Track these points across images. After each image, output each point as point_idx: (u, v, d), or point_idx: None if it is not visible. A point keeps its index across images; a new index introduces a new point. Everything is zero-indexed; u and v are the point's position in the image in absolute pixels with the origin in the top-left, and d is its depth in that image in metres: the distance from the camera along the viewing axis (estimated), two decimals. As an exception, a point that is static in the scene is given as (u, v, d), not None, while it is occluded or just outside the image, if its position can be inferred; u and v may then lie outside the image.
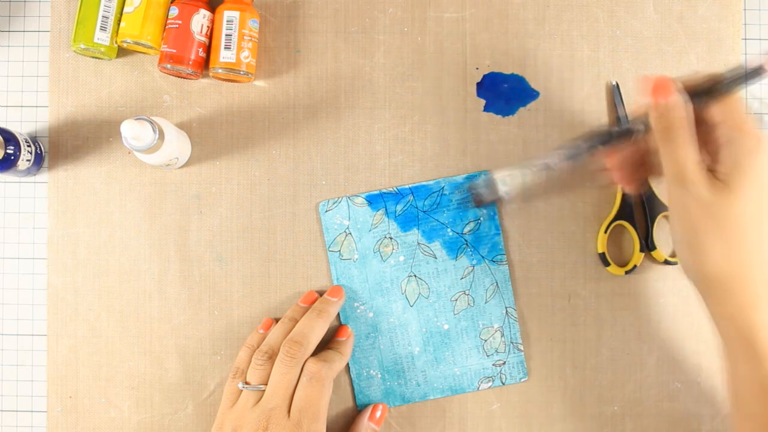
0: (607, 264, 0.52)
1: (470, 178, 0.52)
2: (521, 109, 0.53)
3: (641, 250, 0.52)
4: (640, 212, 0.53)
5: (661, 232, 0.53)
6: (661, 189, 0.52)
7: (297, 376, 0.45)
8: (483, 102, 0.53)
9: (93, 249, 0.52)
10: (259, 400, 0.45)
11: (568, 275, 0.53)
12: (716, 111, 0.40)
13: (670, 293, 0.53)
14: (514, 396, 0.52)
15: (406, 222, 0.52)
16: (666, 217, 0.53)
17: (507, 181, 0.47)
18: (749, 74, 0.39)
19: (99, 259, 0.52)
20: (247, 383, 0.46)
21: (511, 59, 0.53)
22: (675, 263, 0.52)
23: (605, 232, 0.52)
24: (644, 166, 0.45)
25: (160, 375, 0.52)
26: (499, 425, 0.52)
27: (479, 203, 0.50)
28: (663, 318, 0.53)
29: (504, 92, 0.53)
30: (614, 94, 0.53)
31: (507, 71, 0.53)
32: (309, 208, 0.53)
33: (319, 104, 0.53)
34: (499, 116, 0.53)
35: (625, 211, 0.52)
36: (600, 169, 0.46)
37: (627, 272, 0.52)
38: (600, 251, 0.52)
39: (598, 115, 0.53)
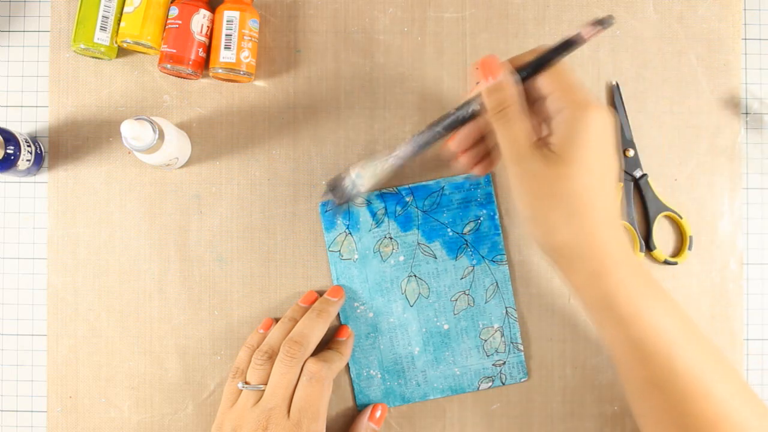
0: (607, 264, 0.52)
1: (470, 178, 0.52)
2: (521, 109, 0.53)
3: (641, 250, 0.52)
4: (640, 212, 0.53)
5: (661, 232, 0.53)
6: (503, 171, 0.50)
7: (297, 376, 0.45)
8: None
9: (93, 249, 0.52)
10: (259, 400, 0.45)
11: (568, 275, 0.53)
12: (544, 83, 0.40)
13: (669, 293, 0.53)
14: (514, 396, 0.52)
15: (406, 222, 0.52)
16: (666, 216, 0.53)
17: (361, 175, 0.47)
18: (569, 43, 0.39)
19: (99, 259, 0.52)
20: (246, 383, 0.46)
21: (511, 59, 0.53)
22: (675, 263, 0.52)
23: (605, 232, 0.52)
24: (488, 148, 0.45)
25: (160, 375, 0.52)
26: (499, 425, 0.52)
27: (340, 201, 0.49)
28: (663, 318, 0.52)
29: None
30: (614, 94, 0.53)
31: (507, 71, 0.53)
32: (309, 208, 0.53)
33: (319, 104, 0.53)
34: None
35: (625, 211, 0.52)
36: (449, 154, 0.46)
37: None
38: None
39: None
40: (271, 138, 0.53)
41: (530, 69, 0.41)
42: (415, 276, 0.52)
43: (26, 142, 0.49)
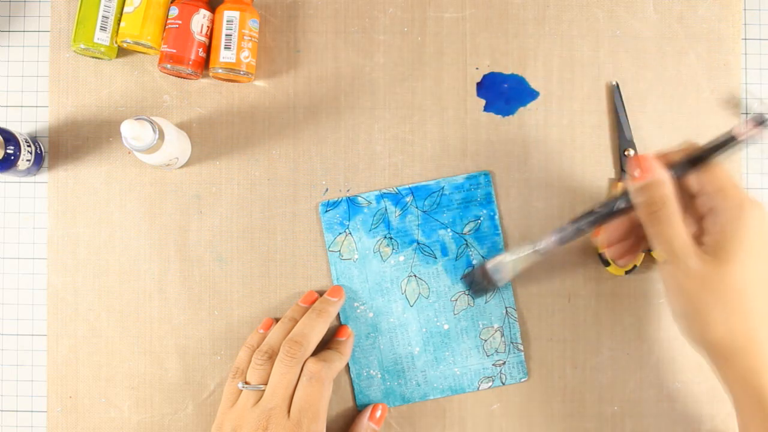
0: (607, 264, 0.52)
1: (470, 178, 0.52)
2: (521, 109, 0.53)
3: (641, 250, 0.52)
4: (640, 212, 0.53)
5: (661, 232, 0.53)
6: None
7: (297, 376, 0.46)
8: (483, 102, 0.53)
9: (93, 249, 0.52)
10: (259, 400, 0.45)
11: (568, 275, 0.53)
12: (696, 180, 0.41)
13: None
14: (514, 396, 0.52)
15: (406, 222, 0.52)
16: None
17: (499, 269, 0.48)
18: (726, 142, 0.39)
19: (99, 259, 0.52)
20: (246, 383, 0.46)
21: (511, 59, 0.53)
22: (675, 263, 0.52)
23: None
24: (635, 238, 0.46)
25: (160, 375, 0.52)
26: (499, 425, 0.52)
27: (477, 292, 0.51)
28: (663, 318, 0.53)
29: (504, 92, 0.53)
30: (614, 94, 0.53)
31: (507, 71, 0.53)
32: (309, 208, 0.53)
33: (319, 104, 0.53)
34: (499, 116, 0.53)
35: (626, 212, 0.52)
36: (594, 246, 0.47)
37: (627, 272, 0.52)
38: (600, 251, 0.52)
39: (599, 115, 0.53)
40: (271, 138, 0.53)
41: (684, 167, 0.40)
42: (415, 276, 0.52)
43: (26, 142, 0.49)
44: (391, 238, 0.52)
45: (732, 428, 0.52)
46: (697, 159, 0.40)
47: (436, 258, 0.52)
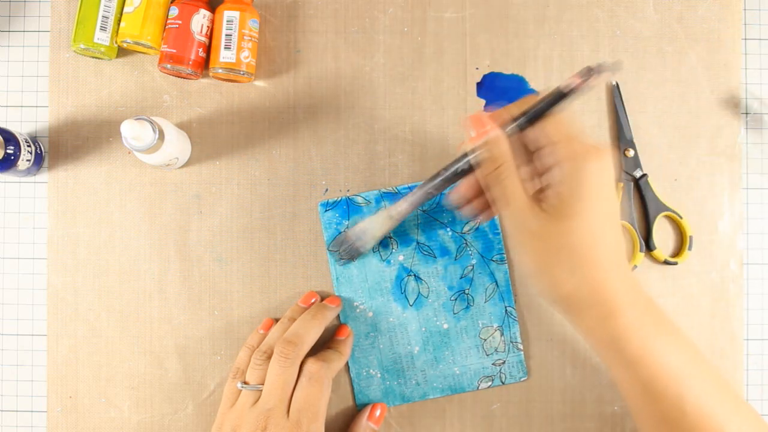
0: (607, 264, 0.52)
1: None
2: (521, 109, 0.53)
3: (641, 250, 0.52)
4: (640, 212, 0.53)
5: (661, 232, 0.53)
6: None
7: (293, 376, 0.45)
8: (483, 102, 0.53)
9: (93, 249, 0.52)
10: (258, 399, 0.45)
11: (568, 275, 0.53)
12: (539, 134, 0.40)
13: (670, 293, 0.53)
14: (514, 396, 0.52)
15: (405, 222, 0.52)
16: (666, 216, 0.53)
17: (360, 236, 0.49)
18: (561, 94, 0.39)
19: (99, 259, 0.52)
20: (245, 383, 0.46)
21: (511, 59, 0.53)
22: (675, 263, 0.52)
23: (605, 232, 0.52)
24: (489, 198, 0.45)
25: (160, 375, 0.52)
26: (499, 425, 0.52)
27: (345, 258, 0.51)
28: (663, 318, 0.52)
29: (504, 92, 0.53)
30: (614, 94, 0.53)
31: (507, 71, 0.53)
32: (309, 208, 0.53)
33: (319, 104, 0.53)
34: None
35: (626, 211, 0.52)
36: (451, 205, 0.46)
37: (627, 272, 0.52)
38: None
39: (599, 115, 0.53)
40: (271, 138, 0.53)
41: (522, 121, 0.40)
42: (414, 275, 0.52)
43: (26, 142, 0.49)
44: (390, 238, 0.52)
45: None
46: (536, 112, 0.39)
47: (435, 257, 0.52)
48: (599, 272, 0.39)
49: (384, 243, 0.52)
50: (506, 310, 0.52)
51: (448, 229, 0.52)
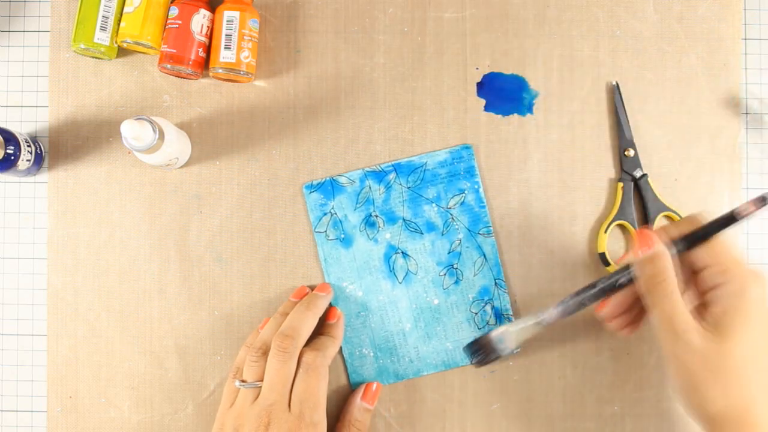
0: (607, 264, 0.52)
1: (452, 152, 0.52)
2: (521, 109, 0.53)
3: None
4: (640, 212, 0.53)
5: (661, 232, 0.53)
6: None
7: (293, 369, 0.46)
8: (483, 102, 0.53)
9: (93, 249, 0.52)
10: (258, 396, 0.45)
11: (568, 275, 0.53)
12: (699, 256, 0.41)
13: None
14: (514, 396, 0.52)
15: (390, 199, 0.52)
16: (667, 216, 0.53)
17: (503, 339, 0.47)
18: (730, 219, 0.40)
19: (99, 259, 0.52)
20: (243, 381, 0.46)
21: (511, 59, 0.53)
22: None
23: (605, 232, 0.52)
24: (639, 310, 0.46)
25: (160, 375, 0.52)
26: (499, 425, 0.52)
27: (481, 362, 0.49)
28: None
29: (504, 92, 0.53)
30: (614, 94, 0.53)
31: (507, 71, 0.53)
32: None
33: (319, 104, 0.53)
34: (499, 116, 0.53)
35: (625, 211, 0.52)
36: (598, 317, 0.47)
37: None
38: (600, 251, 0.52)
39: (599, 115, 0.53)
40: (271, 138, 0.53)
41: (687, 242, 0.41)
42: (402, 252, 0.52)
43: (26, 142, 0.49)
44: (376, 216, 0.52)
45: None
46: (699, 235, 0.41)
47: (422, 233, 0.52)
48: (750, 396, 0.39)
49: (370, 222, 0.52)
50: (495, 283, 0.52)
51: (434, 205, 0.52)
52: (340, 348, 0.52)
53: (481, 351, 0.48)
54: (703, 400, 0.40)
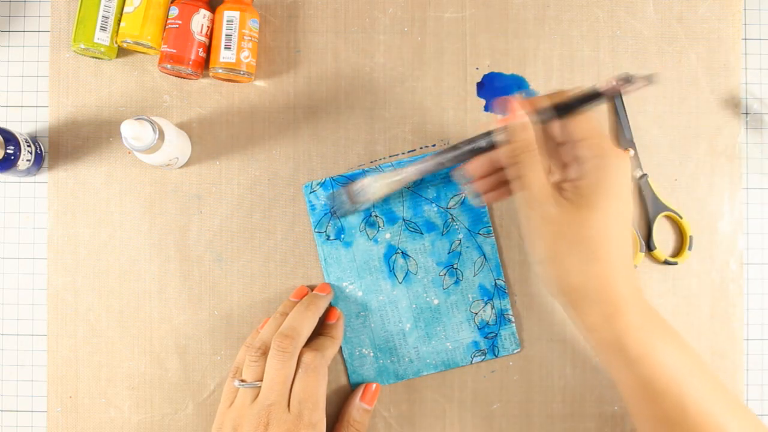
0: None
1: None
2: (521, 109, 0.53)
3: (641, 250, 0.52)
4: (640, 212, 0.53)
5: (661, 232, 0.53)
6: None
7: (293, 370, 0.46)
8: (483, 102, 0.53)
9: (93, 249, 0.52)
10: (257, 396, 0.45)
11: (568, 275, 0.53)
12: (566, 129, 0.41)
13: (670, 293, 0.53)
14: (514, 396, 0.52)
15: (390, 199, 0.52)
16: (666, 216, 0.53)
17: (363, 191, 0.49)
18: (596, 95, 0.40)
19: (99, 259, 0.52)
20: (242, 381, 0.46)
21: (511, 59, 0.53)
22: (675, 263, 0.52)
23: (605, 231, 0.52)
24: (501, 178, 0.46)
25: (160, 375, 0.52)
26: (499, 425, 0.52)
27: (340, 212, 0.51)
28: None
29: (504, 92, 0.53)
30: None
31: (507, 71, 0.53)
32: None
33: (319, 104, 0.53)
34: (499, 116, 0.53)
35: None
36: (462, 178, 0.47)
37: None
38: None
39: (598, 115, 0.53)
40: (271, 138, 0.53)
41: (552, 113, 0.41)
42: (402, 252, 0.52)
43: (26, 142, 0.49)
44: (376, 216, 0.52)
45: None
46: (563, 107, 0.40)
47: (422, 234, 0.52)
48: (608, 268, 0.39)
49: (371, 222, 0.52)
50: (495, 283, 0.52)
51: (434, 205, 0.52)
52: (340, 348, 0.52)
53: (340, 202, 0.50)
54: (562, 272, 0.40)
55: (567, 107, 0.40)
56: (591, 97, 0.40)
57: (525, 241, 0.43)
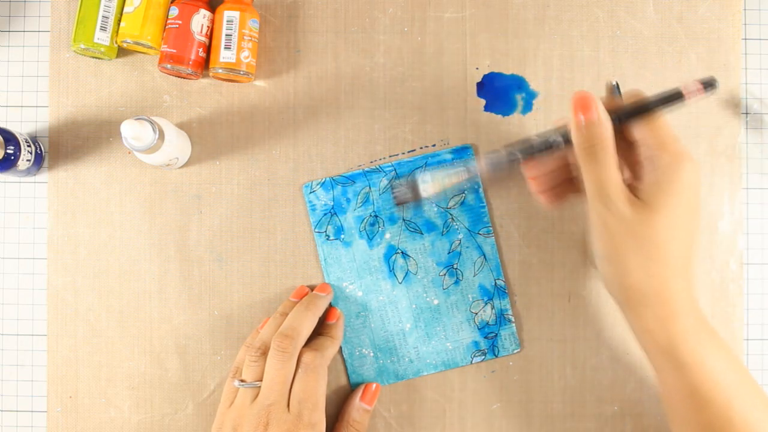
0: (607, 264, 0.52)
1: (455, 151, 0.52)
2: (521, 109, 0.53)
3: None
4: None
5: (661, 232, 0.53)
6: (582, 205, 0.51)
7: (292, 370, 0.46)
8: (483, 102, 0.53)
9: (93, 249, 0.52)
10: (257, 396, 0.45)
11: (568, 275, 0.53)
12: (638, 131, 0.41)
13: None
14: (514, 396, 0.52)
15: (390, 199, 0.52)
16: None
17: (428, 181, 0.47)
18: (671, 98, 0.40)
19: (99, 259, 0.52)
20: (242, 381, 0.46)
21: (511, 59, 0.53)
22: (675, 263, 0.52)
23: (605, 231, 0.52)
24: (565, 180, 0.46)
25: (160, 375, 0.52)
26: (499, 425, 0.52)
27: (401, 202, 0.50)
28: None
29: (504, 92, 0.53)
30: (614, 94, 0.53)
31: (507, 71, 0.53)
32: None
33: (319, 104, 0.53)
34: (499, 116, 0.53)
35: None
36: (524, 177, 0.46)
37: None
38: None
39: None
40: (271, 138, 0.53)
41: (626, 115, 0.41)
42: (402, 252, 0.52)
43: (26, 142, 0.49)
44: (376, 216, 0.52)
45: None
46: (640, 109, 0.41)
47: (422, 233, 0.52)
48: (669, 271, 0.39)
49: (370, 222, 0.52)
50: (495, 283, 0.52)
51: (434, 205, 0.52)
52: (340, 348, 0.52)
53: (404, 190, 0.48)
54: (624, 269, 0.40)
55: (644, 108, 0.40)
56: (671, 100, 0.40)
57: (588, 236, 0.43)
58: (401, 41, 0.53)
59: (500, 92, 0.53)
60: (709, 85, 0.39)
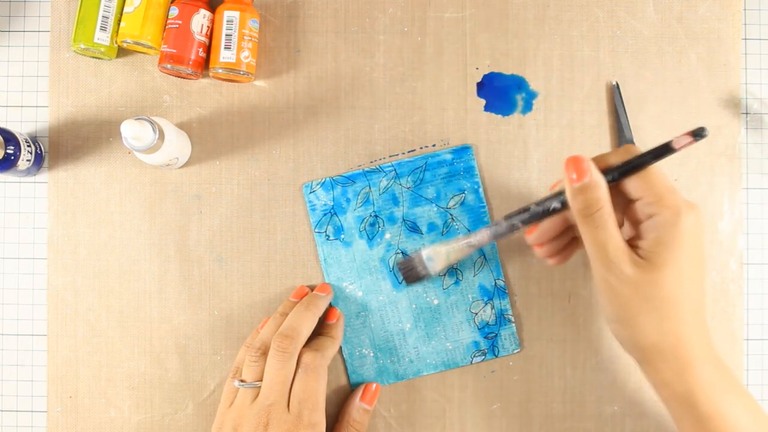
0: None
1: (452, 152, 0.52)
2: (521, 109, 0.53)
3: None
4: (640, 212, 0.53)
5: (661, 232, 0.53)
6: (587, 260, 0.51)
7: (292, 370, 0.46)
8: (483, 102, 0.53)
9: (93, 249, 0.52)
10: (257, 396, 0.45)
11: (568, 275, 0.53)
12: (634, 187, 0.41)
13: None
14: (514, 396, 0.52)
15: (390, 199, 0.52)
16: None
17: (433, 257, 0.49)
18: (662, 152, 0.39)
19: (99, 259, 0.52)
20: (242, 381, 0.46)
21: (511, 59, 0.53)
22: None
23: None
24: (570, 241, 0.46)
25: (160, 375, 0.52)
26: (499, 425, 0.52)
27: (411, 280, 0.50)
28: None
29: (504, 92, 0.53)
30: (614, 94, 0.53)
31: (507, 71, 0.53)
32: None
33: (319, 104, 0.53)
34: (499, 116, 0.53)
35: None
36: (528, 244, 0.47)
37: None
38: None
39: (599, 115, 0.53)
40: (271, 138, 0.53)
41: (619, 172, 0.40)
42: (402, 253, 0.52)
43: (26, 142, 0.49)
44: (376, 216, 0.52)
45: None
46: (633, 164, 0.40)
47: (422, 234, 0.52)
48: (682, 327, 0.39)
49: (370, 222, 0.52)
50: (495, 283, 0.52)
51: (434, 205, 0.52)
52: (340, 348, 0.52)
53: (410, 269, 0.49)
54: (637, 332, 0.40)
55: (637, 164, 0.40)
56: (662, 153, 0.40)
57: (598, 299, 0.43)
58: (401, 41, 0.53)
59: (500, 92, 0.53)
60: (698, 134, 0.38)
